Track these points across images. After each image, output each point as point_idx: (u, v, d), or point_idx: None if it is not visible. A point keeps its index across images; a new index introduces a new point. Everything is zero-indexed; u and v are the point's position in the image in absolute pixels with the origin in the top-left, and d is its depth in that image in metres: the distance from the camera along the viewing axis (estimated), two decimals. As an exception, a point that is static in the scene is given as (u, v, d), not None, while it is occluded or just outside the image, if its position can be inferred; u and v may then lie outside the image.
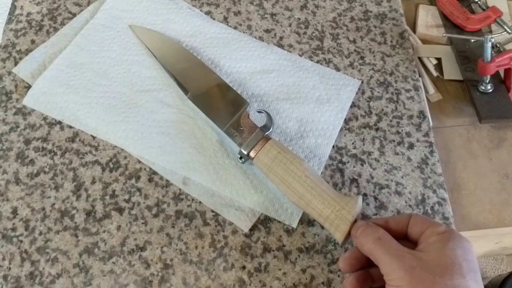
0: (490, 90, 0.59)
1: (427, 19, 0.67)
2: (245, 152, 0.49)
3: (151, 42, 0.59)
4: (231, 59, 0.59)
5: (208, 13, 0.64)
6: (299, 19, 0.64)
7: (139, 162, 0.52)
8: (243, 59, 0.59)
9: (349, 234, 0.42)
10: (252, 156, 0.48)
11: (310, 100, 0.57)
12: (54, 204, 0.50)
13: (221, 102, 0.54)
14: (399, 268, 0.35)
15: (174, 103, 0.55)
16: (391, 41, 0.63)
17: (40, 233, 0.48)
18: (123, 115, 0.54)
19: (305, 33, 0.63)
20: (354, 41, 0.63)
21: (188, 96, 0.54)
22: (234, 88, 0.56)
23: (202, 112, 0.53)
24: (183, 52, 0.58)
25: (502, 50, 0.62)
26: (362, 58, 0.61)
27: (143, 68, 0.58)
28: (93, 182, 0.51)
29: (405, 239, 0.40)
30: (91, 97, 0.55)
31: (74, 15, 0.62)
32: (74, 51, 0.58)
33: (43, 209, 0.49)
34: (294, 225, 0.49)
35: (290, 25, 0.64)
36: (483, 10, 0.66)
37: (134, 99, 0.55)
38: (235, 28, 0.63)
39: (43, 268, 0.46)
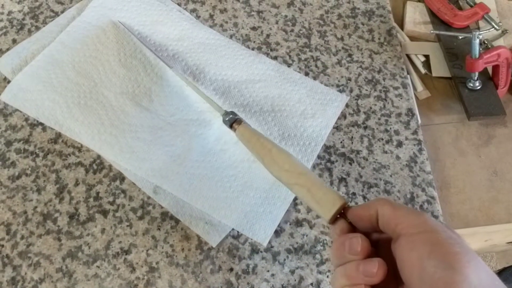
0: (479, 87, 0.59)
1: (415, 16, 0.66)
2: (229, 121, 0.47)
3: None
4: (217, 66, 0.58)
5: (193, 10, 0.63)
6: (286, 16, 0.64)
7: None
8: (230, 67, 0.58)
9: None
10: (236, 127, 0.46)
11: (294, 114, 0.55)
12: (36, 207, 0.48)
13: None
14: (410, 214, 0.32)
15: (153, 108, 0.54)
16: (379, 38, 0.62)
17: (22, 237, 0.47)
18: (99, 117, 0.52)
19: (292, 30, 0.62)
20: (342, 39, 0.62)
21: (172, 70, 0.54)
22: (217, 96, 0.55)
23: (185, 83, 0.52)
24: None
25: (490, 46, 0.62)
26: (350, 55, 0.61)
27: (124, 69, 0.56)
28: (77, 184, 0.50)
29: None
30: (69, 96, 0.53)
31: (57, 13, 0.61)
32: (57, 48, 0.57)
33: (25, 212, 0.48)
34: (265, 244, 0.47)
35: (277, 22, 0.63)
36: (471, 6, 0.65)
37: (113, 101, 0.54)
38: (221, 26, 0.62)
39: (25, 273, 0.45)
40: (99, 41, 0.58)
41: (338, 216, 0.36)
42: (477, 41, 0.55)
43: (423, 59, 0.63)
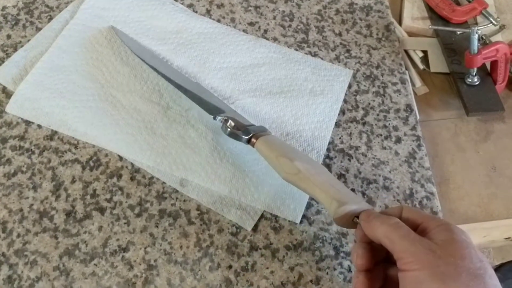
0: (477, 83, 0.58)
1: (413, 11, 0.66)
2: (247, 137, 0.47)
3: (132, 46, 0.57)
4: (219, 55, 0.58)
5: (190, 6, 0.62)
6: (283, 11, 0.63)
7: (121, 159, 0.50)
8: (232, 54, 0.58)
9: (345, 220, 0.40)
10: (254, 142, 0.47)
11: (303, 93, 0.56)
12: (32, 204, 0.48)
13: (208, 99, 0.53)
14: (418, 251, 0.33)
15: (164, 102, 0.54)
16: (377, 34, 0.62)
17: (18, 235, 0.46)
18: (113, 118, 0.52)
19: (290, 26, 0.62)
20: (340, 34, 0.62)
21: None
22: (225, 84, 0.55)
23: (196, 104, 0.52)
24: (161, 62, 0.56)
25: (488, 42, 0.62)
26: (348, 51, 0.60)
27: (128, 67, 0.56)
28: (73, 181, 0.49)
29: None
30: (78, 100, 0.53)
31: (52, 8, 0.60)
32: (56, 53, 0.56)
33: (21, 210, 0.47)
34: (297, 221, 0.48)
35: (274, 17, 0.62)
36: (469, 2, 0.65)
37: (123, 100, 0.53)
38: (218, 21, 0.61)
39: (22, 272, 0.44)
40: (98, 42, 0.57)
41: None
42: (476, 36, 0.55)
43: (421, 54, 0.62)
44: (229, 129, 0.48)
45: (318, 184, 0.42)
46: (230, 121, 0.48)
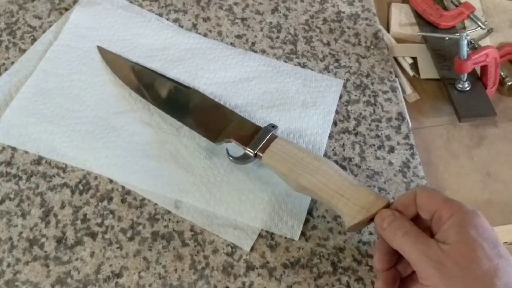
0: (468, 88, 0.58)
1: (400, 18, 0.65)
2: (252, 152, 0.47)
3: (118, 67, 0.56)
4: (209, 70, 0.57)
5: (176, 20, 0.61)
6: (270, 23, 0.62)
7: (111, 182, 0.49)
8: (221, 69, 0.57)
9: (361, 224, 0.41)
10: (260, 155, 0.47)
11: (295, 106, 0.55)
12: (21, 232, 0.47)
13: (206, 116, 0.52)
14: (429, 266, 0.34)
15: (154, 122, 0.53)
16: (365, 42, 0.62)
17: (8, 265, 0.45)
18: (102, 141, 0.51)
19: (277, 37, 0.61)
20: (328, 44, 0.61)
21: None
22: (216, 99, 0.54)
23: (189, 128, 0.51)
24: (154, 75, 0.55)
25: (477, 46, 0.62)
26: (337, 60, 0.60)
27: (116, 87, 0.55)
28: (63, 206, 0.48)
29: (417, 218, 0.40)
30: (66, 124, 0.52)
31: (34, 28, 0.59)
32: (41, 76, 0.55)
33: (10, 238, 0.46)
34: (296, 238, 0.47)
35: (262, 29, 0.62)
36: (456, 6, 0.65)
37: (112, 122, 0.52)
38: (205, 35, 0.61)
39: (13, 303, 0.43)
40: (83, 63, 0.56)
41: None
42: (465, 42, 0.55)
43: (410, 61, 0.62)
44: (231, 158, 0.48)
45: (326, 194, 0.43)
46: (233, 142, 0.48)
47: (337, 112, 0.56)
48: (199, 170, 0.50)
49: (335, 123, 0.55)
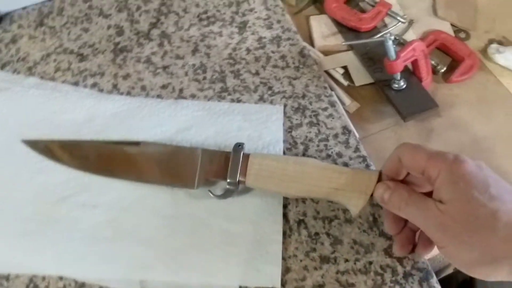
0: (404, 86, 0.58)
1: (322, 30, 0.65)
2: (234, 181, 0.46)
3: (50, 151, 0.51)
4: (143, 129, 0.53)
5: (94, 85, 0.58)
6: (194, 65, 0.60)
7: (61, 279, 0.45)
8: (156, 125, 0.54)
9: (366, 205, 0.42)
10: (243, 180, 0.46)
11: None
12: None
13: (172, 164, 0.49)
14: (434, 230, 0.36)
15: (99, 201, 0.48)
16: (294, 63, 0.60)
17: None
18: (47, 238, 0.46)
19: (204, 78, 0.59)
20: (257, 73, 0.59)
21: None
22: None
23: (158, 185, 0.48)
24: (94, 144, 0.51)
25: (402, 41, 0.62)
26: (270, 88, 0.58)
27: (50, 173, 0.50)
28: (14, 320, 0.43)
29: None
30: (4, 230, 0.47)
31: None
32: None
33: None
34: (278, 285, 0.44)
35: (186, 73, 0.59)
36: (372, 6, 0.65)
37: (52, 214, 0.48)
38: (128, 93, 0.57)
39: None
40: (6, 159, 0.51)
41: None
42: (390, 43, 0.54)
43: (342, 71, 0.61)
44: (216, 196, 0.47)
45: (322, 193, 0.44)
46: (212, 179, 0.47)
47: (283, 141, 0.54)
48: (157, 240, 0.46)
49: (283, 152, 0.53)
